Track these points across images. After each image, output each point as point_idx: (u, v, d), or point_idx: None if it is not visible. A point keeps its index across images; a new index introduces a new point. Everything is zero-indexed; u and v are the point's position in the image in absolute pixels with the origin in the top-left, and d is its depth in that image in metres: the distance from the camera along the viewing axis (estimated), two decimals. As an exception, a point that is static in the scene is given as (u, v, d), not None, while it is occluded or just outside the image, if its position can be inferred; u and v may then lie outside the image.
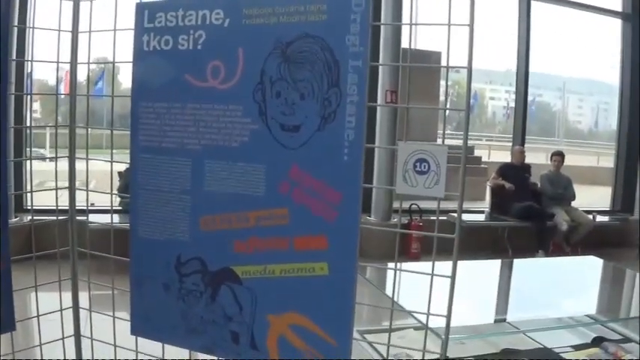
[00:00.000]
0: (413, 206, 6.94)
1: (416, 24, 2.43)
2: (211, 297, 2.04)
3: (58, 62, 2.21)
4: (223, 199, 1.99)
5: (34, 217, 2.29)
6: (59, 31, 2.19)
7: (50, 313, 2.26)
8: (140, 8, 2.05)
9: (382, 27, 6.36)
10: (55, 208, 2.29)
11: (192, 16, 1.97)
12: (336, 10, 1.77)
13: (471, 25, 1.74)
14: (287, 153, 1.88)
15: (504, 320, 2.69)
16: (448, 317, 1.83)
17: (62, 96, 2.48)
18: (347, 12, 1.76)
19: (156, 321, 2.15)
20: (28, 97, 5.12)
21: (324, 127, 1.82)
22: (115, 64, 2.18)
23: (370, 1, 1.74)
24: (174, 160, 2.05)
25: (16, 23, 4.81)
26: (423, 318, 1.92)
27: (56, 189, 2.24)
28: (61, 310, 2.31)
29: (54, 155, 2.27)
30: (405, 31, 6.96)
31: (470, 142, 11.82)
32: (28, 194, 5.22)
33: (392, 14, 6.22)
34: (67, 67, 2.22)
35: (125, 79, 2.24)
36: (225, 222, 2.00)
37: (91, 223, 2.42)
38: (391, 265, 2.41)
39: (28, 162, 2.55)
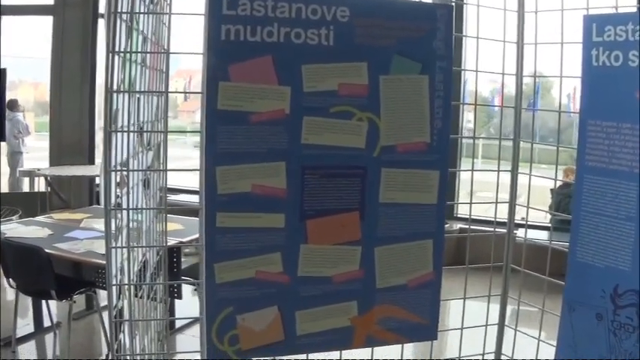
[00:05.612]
0: None
1: None
2: (643, 335, 1.88)
3: (503, 74, 2.23)
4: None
5: (468, 227, 2.37)
6: (504, 42, 2.21)
7: (473, 327, 2.32)
8: (588, 21, 1.96)
9: None
10: (491, 219, 2.33)
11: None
12: None
13: None
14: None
15: None
16: None
17: (495, 108, 2.50)
18: None
19: (581, 351, 2.06)
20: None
21: None
22: (550, 78, 2.11)
23: None
24: (622, 184, 1.93)
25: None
26: None
27: (496, 202, 2.28)
28: (486, 325, 2.35)
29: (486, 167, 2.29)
30: None
31: None
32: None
33: None
34: (499, 79, 2.23)
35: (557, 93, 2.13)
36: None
37: (522, 239, 2.38)
38: None
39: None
